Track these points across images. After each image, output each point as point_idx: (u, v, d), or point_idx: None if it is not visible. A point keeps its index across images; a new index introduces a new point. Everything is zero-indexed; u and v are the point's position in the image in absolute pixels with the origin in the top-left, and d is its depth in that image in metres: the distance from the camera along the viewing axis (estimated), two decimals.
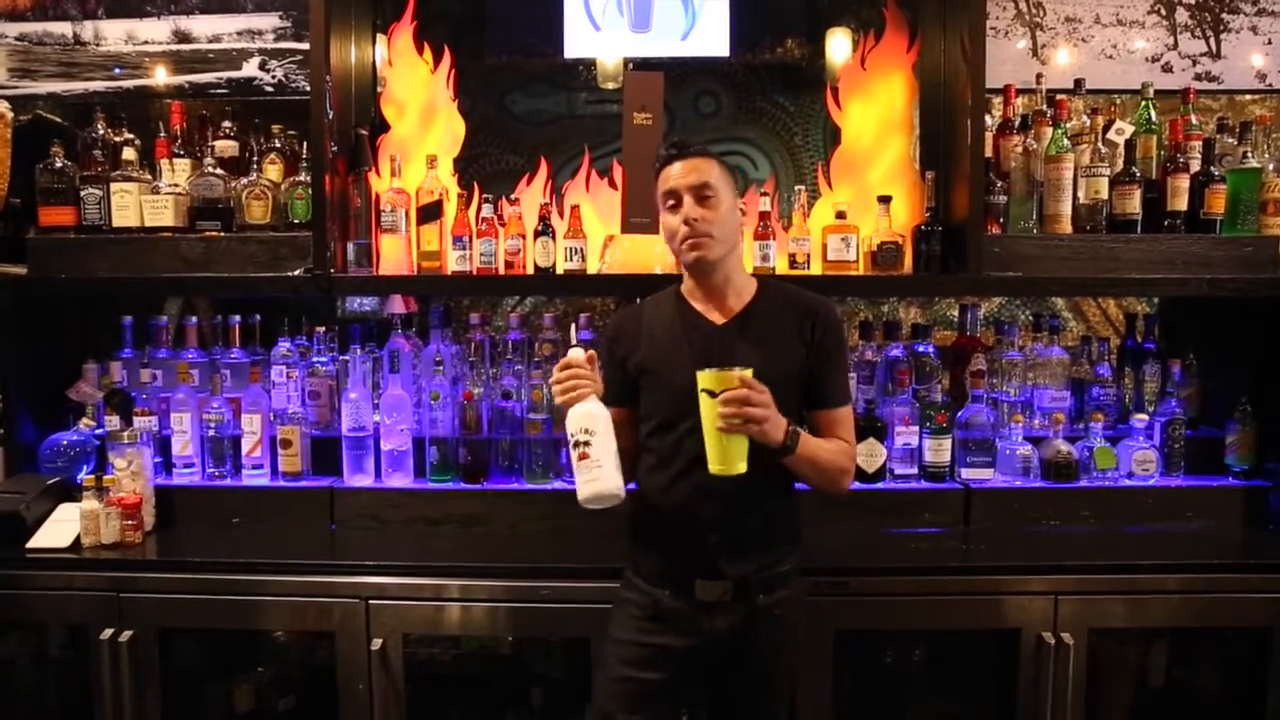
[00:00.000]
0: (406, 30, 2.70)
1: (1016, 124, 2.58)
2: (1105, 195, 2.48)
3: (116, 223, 2.55)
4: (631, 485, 1.91)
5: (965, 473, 2.58)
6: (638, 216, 2.47)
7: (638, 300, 2.09)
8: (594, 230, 2.61)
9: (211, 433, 2.60)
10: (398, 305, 3.10)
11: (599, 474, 1.76)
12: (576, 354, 1.83)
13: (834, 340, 1.95)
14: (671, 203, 1.91)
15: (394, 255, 2.56)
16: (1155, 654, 2.46)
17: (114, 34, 3.05)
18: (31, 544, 2.35)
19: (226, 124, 2.68)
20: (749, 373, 1.74)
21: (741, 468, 1.75)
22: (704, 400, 1.73)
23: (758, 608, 1.90)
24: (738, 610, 1.90)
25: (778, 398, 1.84)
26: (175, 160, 2.61)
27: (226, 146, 2.65)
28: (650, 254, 2.56)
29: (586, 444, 1.76)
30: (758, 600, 1.90)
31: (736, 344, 1.90)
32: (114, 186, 2.55)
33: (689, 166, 1.89)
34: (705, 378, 1.73)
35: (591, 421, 1.78)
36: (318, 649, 2.42)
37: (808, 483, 1.92)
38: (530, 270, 2.55)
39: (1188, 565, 2.27)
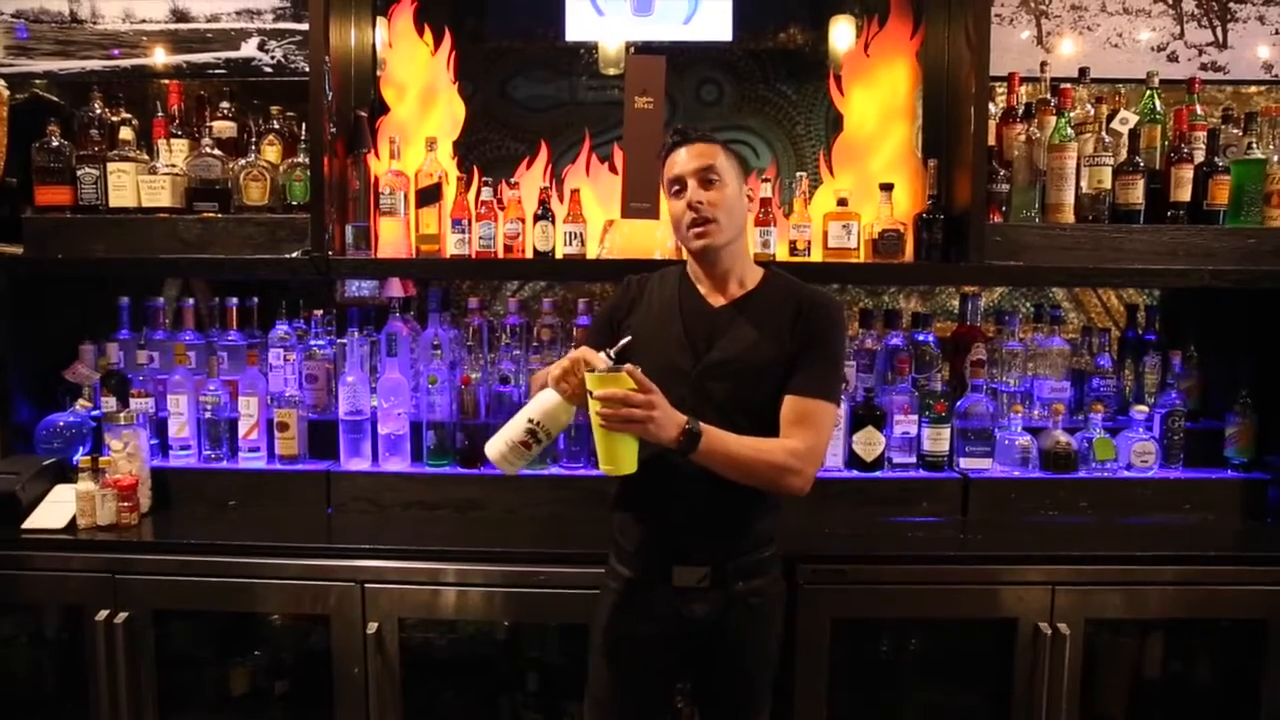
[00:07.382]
0: (407, 12, 2.68)
1: (1020, 112, 2.56)
2: (1108, 185, 2.46)
3: (113, 203, 2.53)
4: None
5: (964, 462, 2.58)
6: (638, 201, 2.46)
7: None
8: (594, 215, 2.59)
9: (208, 415, 2.59)
10: (396, 289, 3.09)
11: (515, 458, 1.83)
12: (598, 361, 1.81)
13: (821, 330, 1.88)
14: (677, 188, 1.90)
15: (392, 238, 2.54)
16: (1151, 645, 2.47)
17: (111, 12, 3.02)
18: (27, 525, 2.35)
19: (225, 104, 2.66)
20: (638, 370, 1.71)
21: (630, 468, 1.75)
22: (590, 401, 1.72)
23: (735, 595, 1.89)
24: (715, 597, 1.89)
25: (758, 386, 1.84)
26: (173, 140, 2.58)
27: (224, 127, 2.63)
28: (650, 239, 2.55)
29: (536, 439, 1.81)
30: (735, 587, 1.89)
31: (728, 327, 1.89)
32: (111, 166, 2.52)
33: (694, 152, 1.89)
34: (590, 379, 1.72)
35: (557, 425, 1.83)
36: (313, 632, 2.42)
37: (737, 480, 1.81)
38: (529, 254, 2.54)
39: (1185, 557, 2.28)
